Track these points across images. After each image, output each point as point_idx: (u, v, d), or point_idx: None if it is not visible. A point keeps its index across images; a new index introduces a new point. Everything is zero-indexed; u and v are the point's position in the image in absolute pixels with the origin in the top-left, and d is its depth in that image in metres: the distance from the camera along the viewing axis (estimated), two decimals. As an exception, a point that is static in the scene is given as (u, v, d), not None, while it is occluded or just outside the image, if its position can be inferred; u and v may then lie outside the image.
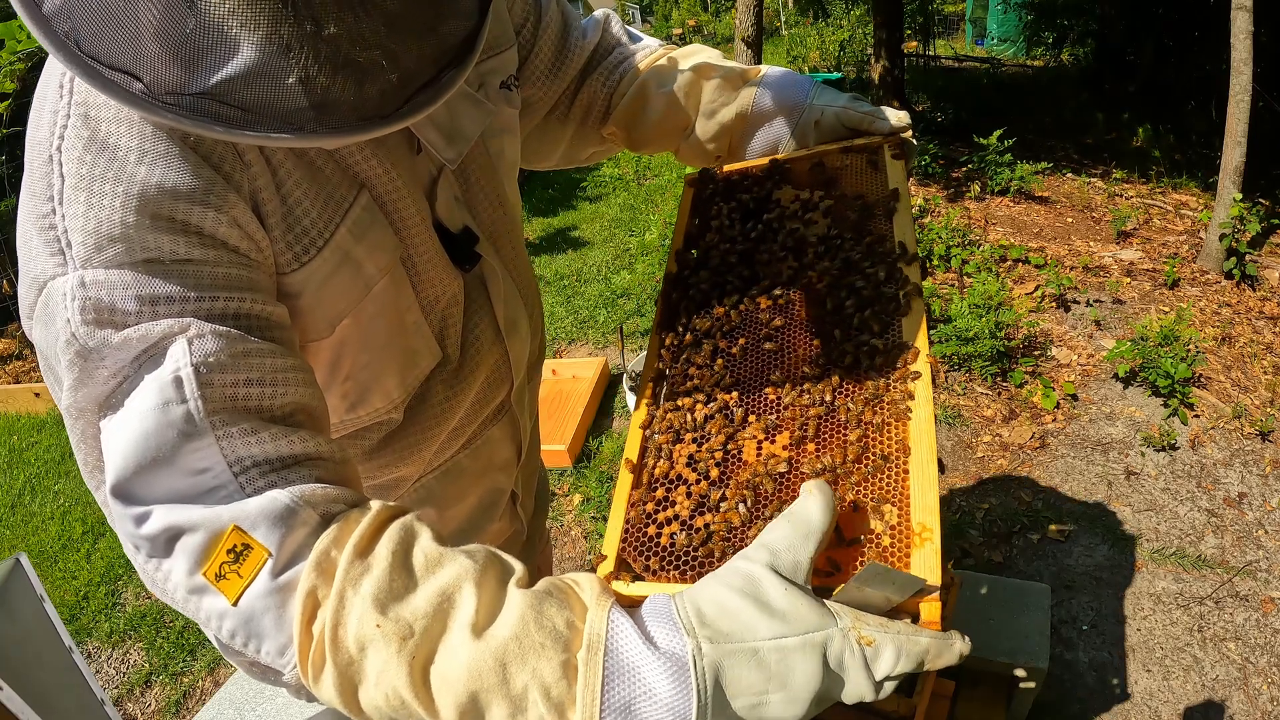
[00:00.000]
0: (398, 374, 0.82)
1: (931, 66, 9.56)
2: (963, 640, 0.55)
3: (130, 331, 0.55)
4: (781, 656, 0.52)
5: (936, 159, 5.84)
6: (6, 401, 4.42)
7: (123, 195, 0.55)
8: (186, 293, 0.56)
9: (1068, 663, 2.24)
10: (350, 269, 0.70)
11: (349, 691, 0.54)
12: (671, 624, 0.53)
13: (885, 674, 0.53)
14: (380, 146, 0.73)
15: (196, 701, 2.44)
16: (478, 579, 0.55)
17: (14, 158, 4.57)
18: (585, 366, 3.70)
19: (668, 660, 0.52)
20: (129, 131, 0.56)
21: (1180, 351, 3.27)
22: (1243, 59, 3.88)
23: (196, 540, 0.54)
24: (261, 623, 0.55)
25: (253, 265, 0.62)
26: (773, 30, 14.14)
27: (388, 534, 0.56)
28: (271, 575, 0.54)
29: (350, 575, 0.53)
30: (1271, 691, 2.14)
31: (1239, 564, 2.53)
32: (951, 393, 3.48)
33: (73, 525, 3.32)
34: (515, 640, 0.52)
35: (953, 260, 4.29)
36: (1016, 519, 2.77)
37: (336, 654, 0.53)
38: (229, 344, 0.57)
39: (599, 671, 0.52)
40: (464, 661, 0.52)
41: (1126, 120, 6.71)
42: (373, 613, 0.52)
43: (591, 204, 6.63)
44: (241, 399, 0.57)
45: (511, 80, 0.94)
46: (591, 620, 0.54)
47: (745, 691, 0.52)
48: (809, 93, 1.01)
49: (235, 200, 0.60)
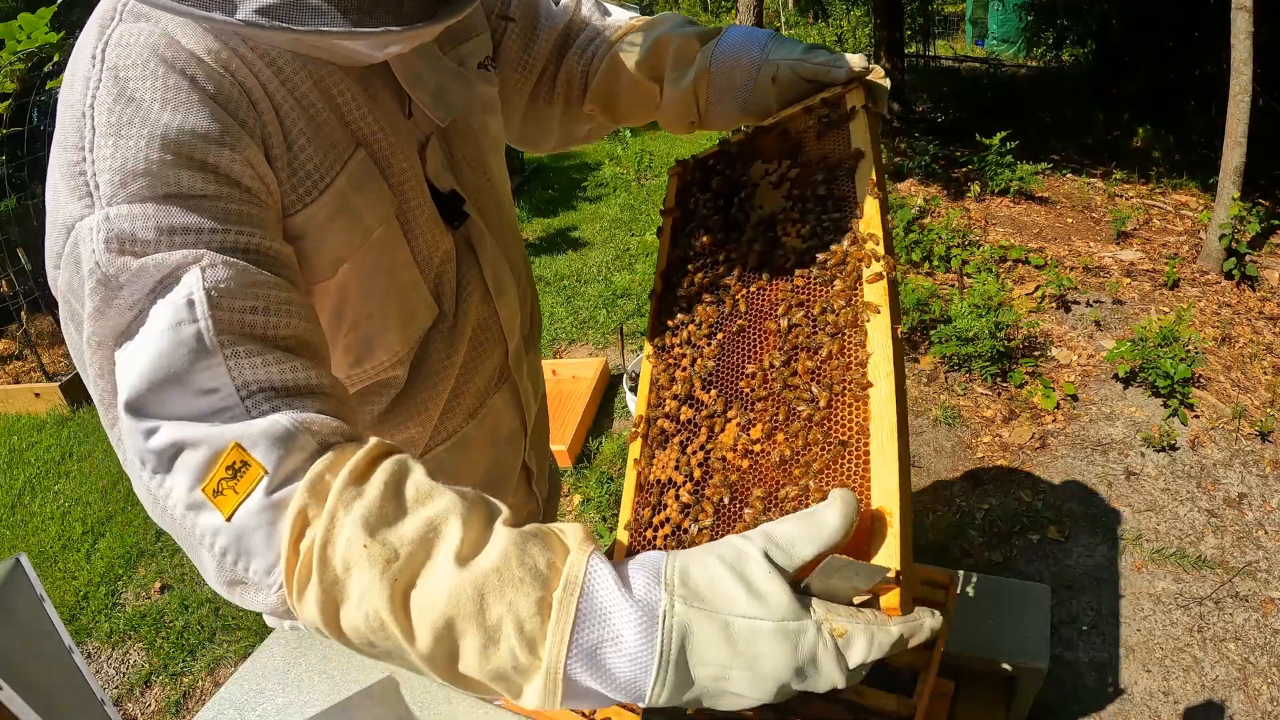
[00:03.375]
0: (399, 328, 0.86)
1: (932, 67, 9.56)
2: (932, 617, 0.55)
3: (148, 260, 0.58)
4: (752, 637, 0.52)
5: (936, 159, 5.84)
6: (6, 401, 4.42)
7: (147, 136, 0.60)
8: (202, 224, 0.61)
9: (1068, 663, 2.24)
10: (349, 216, 0.75)
11: (331, 610, 0.55)
12: (654, 577, 0.54)
13: (858, 663, 0.54)
14: (376, 107, 0.79)
15: (196, 702, 2.44)
16: (465, 514, 0.57)
17: (14, 158, 4.57)
18: (585, 367, 3.70)
19: (639, 610, 0.53)
20: (153, 84, 0.62)
21: (1180, 352, 3.27)
22: (1243, 59, 3.88)
23: (198, 456, 0.56)
24: (252, 539, 0.56)
25: (263, 204, 0.67)
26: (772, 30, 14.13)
27: (383, 466, 0.58)
28: (266, 492, 0.56)
29: (344, 498, 0.55)
30: (1271, 692, 2.14)
31: (1239, 564, 2.53)
32: (951, 393, 3.48)
33: (73, 525, 3.32)
34: (496, 573, 0.53)
35: (953, 260, 4.29)
36: (1016, 519, 2.77)
37: (323, 572, 0.54)
38: (239, 273, 0.60)
39: (572, 611, 0.53)
40: (444, 588, 0.53)
41: (1126, 120, 6.71)
42: (361, 534, 0.54)
43: (591, 204, 6.63)
44: (249, 325, 0.60)
45: (488, 61, 1.00)
46: (571, 562, 0.55)
47: (710, 662, 0.52)
48: (765, 47, 0.97)
49: (248, 143, 0.66)
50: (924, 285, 3.86)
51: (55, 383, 4.33)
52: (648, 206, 6.00)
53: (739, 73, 0.97)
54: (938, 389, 3.52)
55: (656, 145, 6.75)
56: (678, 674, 0.52)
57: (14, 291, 4.68)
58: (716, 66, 0.98)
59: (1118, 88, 7.10)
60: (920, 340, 3.75)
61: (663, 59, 1.03)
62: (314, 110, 0.73)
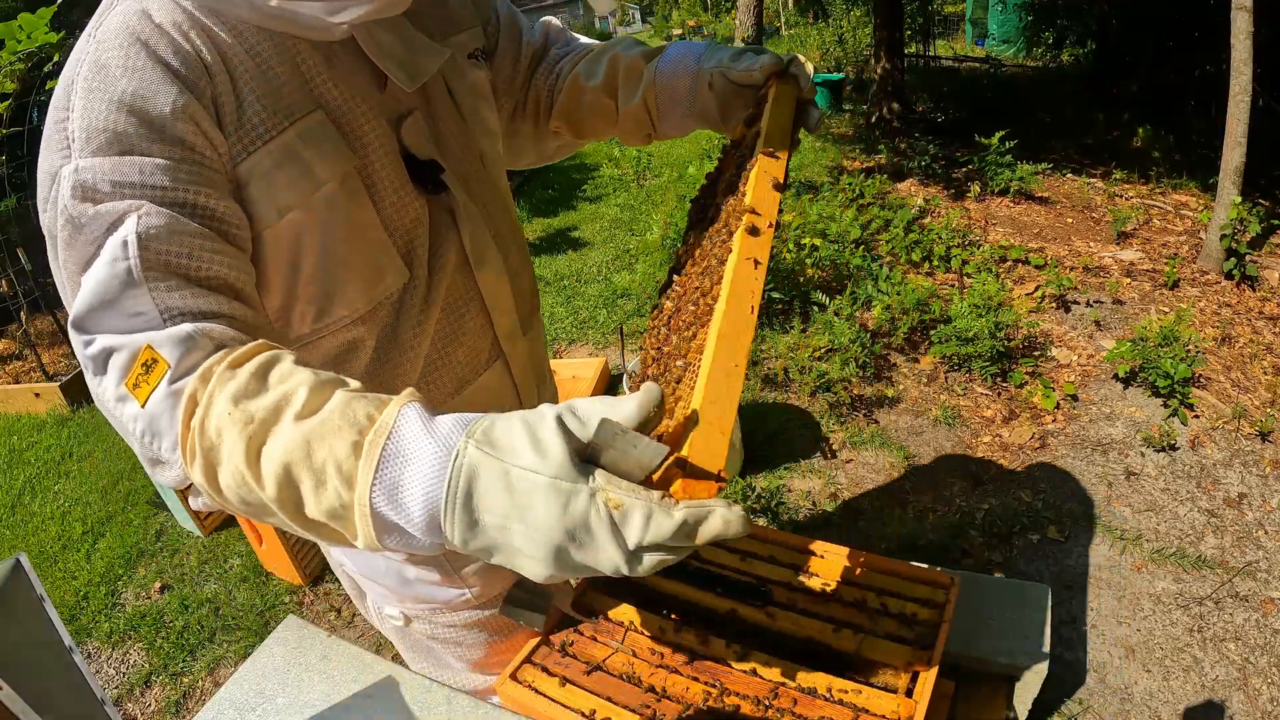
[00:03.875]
0: (363, 287, 0.92)
1: (932, 67, 9.56)
2: (728, 508, 0.53)
3: (102, 207, 0.71)
4: (527, 489, 0.54)
5: (936, 159, 5.84)
6: (6, 401, 4.42)
7: (109, 100, 0.72)
8: (146, 180, 0.72)
9: (1068, 663, 2.24)
10: (297, 166, 0.82)
11: (211, 474, 0.65)
12: (461, 425, 0.59)
13: (637, 542, 0.54)
14: (341, 78, 0.87)
15: (196, 702, 2.44)
16: (315, 385, 0.65)
17: (14, 158, 4.57)
18: (585, 367, 3.70)
19: (438, 449, 0.58)
20: (120, 55, 0.73)
21: (1180, 352, 3.27)
22: (1243, 59, 3.88)
23: (122, 357, 0.69)
24: (160, 422, 0.68)
25: (205, 164, 0.76)
26: (773, 30, 14.14)
27: (259, 357, 0.68)
28: (169, 383, 0.67)
29: (220, 380, 0.66)
30: (1271, 692, 2.14)
31: (1239, 564, 2.53)
32: (951, 393, 3.48)
33: (73, 525, 3.32)
34: (321, 424, 0.62)
35: (953, 260, 4.29)
36: (1016, 519, 2.77)
37: (203, 440, 0.65)
38: (170, 222, 0.72)
39: (379, 449, 0.60)
40: (282, 441, 0.62)
41: (1126, 120, 6.71)
42: (229, 406, 0.64)
43: (591, 204, 6.63)
44: (173, 265, 0.71)
45: (478, 53, 1.08)
46: (386, 411, 0.62)
47: (493, 509, 0.56)
48: (700, 57, 1.05)
49: (197, 108, 0.75)
50: (924, 285, 3.86)
51: (55, 383, 4.33)
52: (647, 207, 5.99)
53: (680, 83, 1.06)
54: (938, 389, 3.52)
55: (655, 146, 6.75)
56: (466, 515, 0.57)
57: (14, 291, 4.68)
58: (661, 80, 1.07)
59: (1118, 88, 7.10)
60: (920, 340, 3.75)
61: (615, 77, 1.12)
62: (272, 75, 0.81)
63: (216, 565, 2.97)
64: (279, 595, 2.78)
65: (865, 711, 1.25)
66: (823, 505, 2.93)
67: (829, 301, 3.79)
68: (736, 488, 2.93)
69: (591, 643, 1.44)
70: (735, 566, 1.60)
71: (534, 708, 1.32)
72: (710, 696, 1.29)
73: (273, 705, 1.10)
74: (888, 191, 5.40)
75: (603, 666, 1.39)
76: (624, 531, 0.53)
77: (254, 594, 2.80)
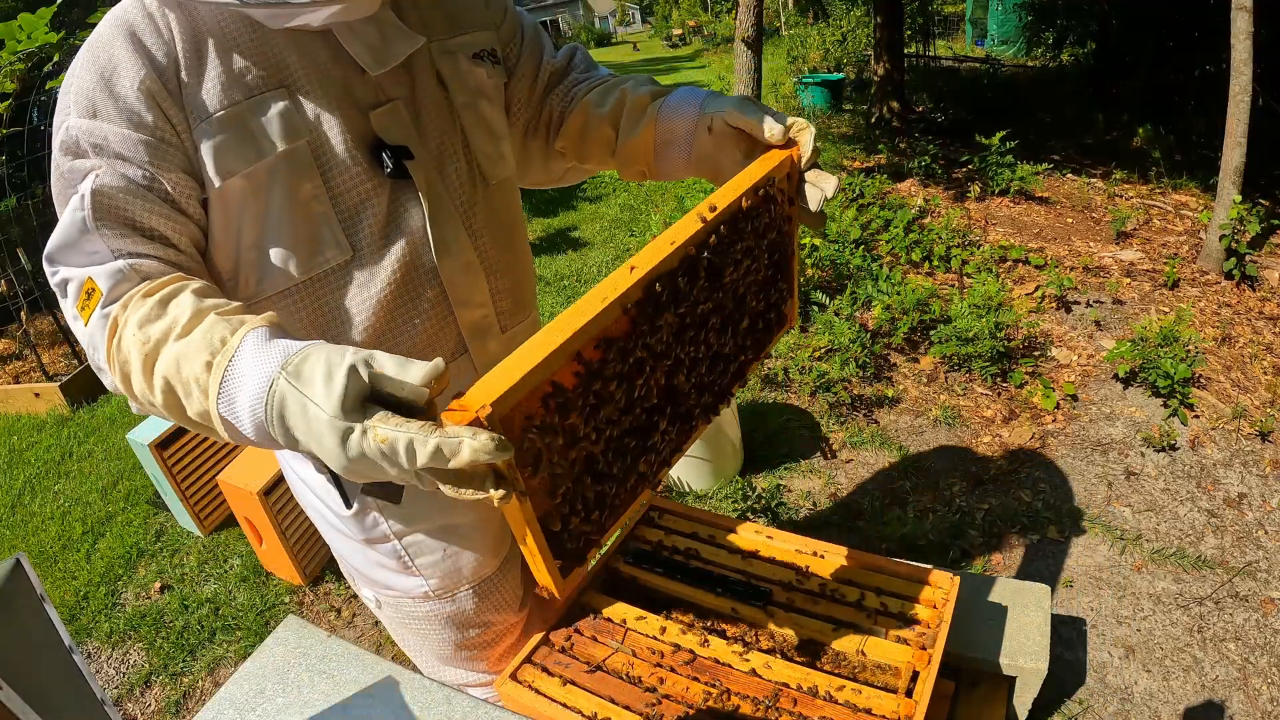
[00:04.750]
0: (302, 256, 0.99)
1: (932, 67, 9.56)
2: (473, 436, 0.63)
3: (76, 162, 0.86)
4: (317, 423, 0.66)
5: (937, 159, 5.84)
6: (6, 401, 4.42)
7: (92, 72, 0.86)
8: (109, 145, 0.86)
9: (1068, 663, 2.24)
10: (242, 135, 0.91)
11: (127, 382, 0.83)
12: (283, 354, 0.70)
13: (406, 467, 0.64)
14: (311, 62, 0.94)
15: (196, 702, 2.44)
16: (195, 311, 0.79)
17: (14, 158, 4.57)
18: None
19: (260, 376, 0.70)
20: (107, 32, 0.87)
21: (1180, 352, 3.27)
22: (1243, 59, 3.88)
23: (74, 287, 0.86)
24: (96, 338, 0.84)
25: (161, 139, 0.88)
26: (773, 30, 14.14)
27: (167, 288, 0.83)
28: (101, 307, 0.84)
29: (134, 308, 0.82)
30: (1271, 692, 2.14)
31: (1239, 564, 2.53)
32: (951, 393, 3.48)
33: (73, 525, 3.32)
34: (187, 344, 0.76)
35: (953, 260, 4.29)
36: (1016, 519, 2.77)
37: (119, 355, 0.82)
38: (122, 182, 0.86)
39: (220, 373, 0.73)
40: (165, 359, 0.78)
41: (1126, 120, 6.72)
42: (135, 329, 0.80)
43: (591, 204, 6.64)
44: (121, 217, 0.86)
45: (485, 52, 1.11)
46: (235, 336, 0.75)
47: (299, 431, 0.67)
48: (702, 103, 1.07)
49: (158, 87, 0.87)
50: (924, 285, 3.86)
51: (55, 383, 4.33)
52: (647, 207, 6.00)
53: (681, 124, 1.08)
54: (938, 389, 3.52)
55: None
56: (283, 431, 0.69)
57: (14, 291, 4.68)
58: (663, 117, 1.09)
59: (1118, 88, 7.10)
60: (920, 340, 3.75)
61: (621, 109, 1.14)
62: (240, 53, 0.91)
63: (216, 565, 2.97)
64: (279, 595, 2.78)
65: (865, 711, 1.25)
66: (822, 505, 2.93)
67: (829, 301, 3.79)
68: (736, 487, 2.93)
69: (591, 643, 1.44)
70: (736, 566, 1.60)
71: (535, 708, 1.32)
72: (710, 696, 1.29)
73: (273, 705, 1.10)
74: (888, 191, 5.40)
75: (603, 667, 1.39)
76: (396, 459, 0.64)
77: (254, 594, 2.80)
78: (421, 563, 1.25)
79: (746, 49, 4.57)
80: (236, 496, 2.67)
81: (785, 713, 1.26)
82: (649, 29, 30.69)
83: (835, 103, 8.59)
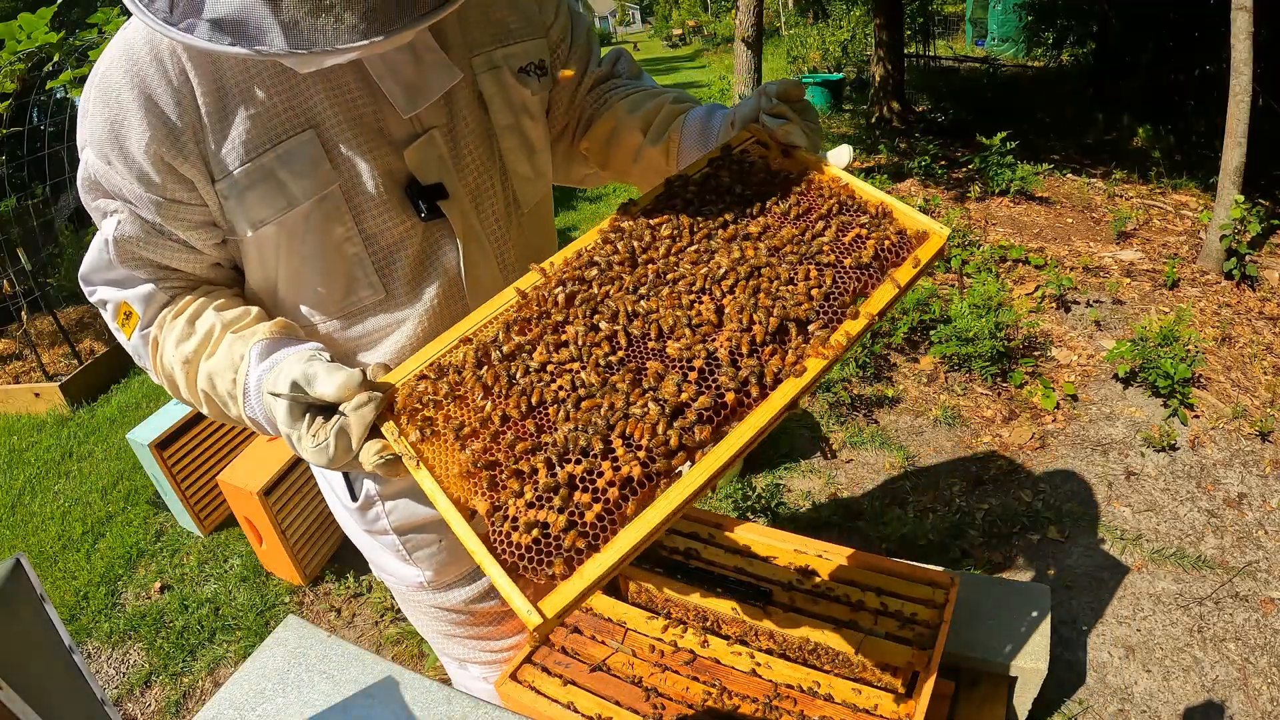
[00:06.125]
0: (336, 295, 1.02)
1: (932, 67, 9.56)
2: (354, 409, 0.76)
3: (98, 201, 0.94)
4: (283, 429, 0.80)
5: (937, 160, 5.84)
6: (6, 401, 4.42)
7: (103, 118, 0.87)
8: (123, 193, 0.91)
9: (1068, 663, 2.24)
10: (271, 185, 0.91)
11: (174, 390, 0.98)
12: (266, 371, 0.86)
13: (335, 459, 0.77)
14: (340, 100, 0.91)
15: (196, 702, 2.44)
16: (220, 329, 0.93)
17: (14, 158, 4.57)
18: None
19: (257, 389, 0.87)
20: (117, 77, 0.85)
21: (1180, 352, 3.27)
22: (1243, 59, 3.88)
23: (111, 307, 0.99)
24: (141, 354, 1.00)
25: (166, 198, 0.90)
26: (773, 31, 14.13)
27: (191, 307, 0.96)
28: (140, 329, 0.98)
29: (168, 328, 0.96)
30: (1271, 692, 2.14)
31: (1239, 564, 2.53)
32: (951, 393, 3.48)
33: (73, 525, 3.32)
34: (215, 362, 0.92)
35: (953, 260, 4.29)
36: (1016, 519, 2.77)
37: (165, 370, 0.97)
38: (139, 231, 0.93)
39: (240, 388, 0.89)
40: (201, 377, 0.93)
41: (1126, 120, 6.72)
42: (173, 348, 0.95)
43: (591, 204, 6.64)
44: (139, 257, 0.96)
45: (532, 67, 1.08)
46: (247, 353, 0.89)
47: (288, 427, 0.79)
48: (734, 109, 1.07)
49: (171, 152, 0.87)
50: (924, 285, 3.86)
51: (55, 383, 4.33)
52: (648, 206, 5.97)
53: (705, 126, 1.08)
54: (938, 389, 3.52)
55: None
56: (280, 431, 0.82)
57: (14, 291, 4.68)
58: (688, 124, 1.10)
59: (1118, 88, 7.10)
60: (920, 340, 3.75)
61: (654, 115, 1.14)
62: (266, 95, 0.89)
63: (216, 565, 2.97)
64: (279, 595, 2.78)
65: (865, 711, 1.25)
66: (822, 505, 2.93)
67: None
68: (735, 487, 2.93)
69: (591, 643, 1.44)
70: (736, 566, 1.60)
71: (535, 708, 1.32)
72: (710, 696, 1.29)
73: (273, 705, 1.10)
74: (888, 192, 5.40)
75: (603, 667, 1.39)
76: (327, 451, 0.77)
77: (254, 594, 2.80)
78: (418, 555, 1.28)
79: (746, 49, 4.57)
80: (236, 496, 2.67)
81: (785, 713, 1.26)
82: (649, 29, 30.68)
83: (835, 103, 8.59)
